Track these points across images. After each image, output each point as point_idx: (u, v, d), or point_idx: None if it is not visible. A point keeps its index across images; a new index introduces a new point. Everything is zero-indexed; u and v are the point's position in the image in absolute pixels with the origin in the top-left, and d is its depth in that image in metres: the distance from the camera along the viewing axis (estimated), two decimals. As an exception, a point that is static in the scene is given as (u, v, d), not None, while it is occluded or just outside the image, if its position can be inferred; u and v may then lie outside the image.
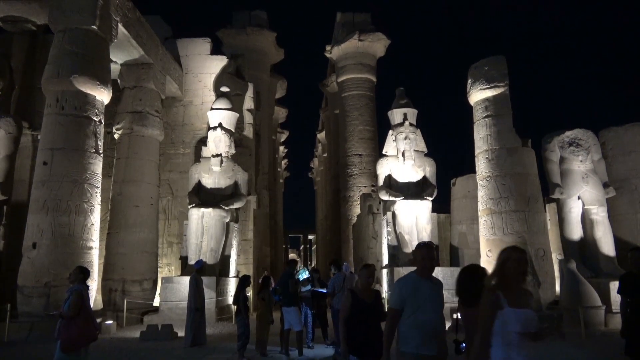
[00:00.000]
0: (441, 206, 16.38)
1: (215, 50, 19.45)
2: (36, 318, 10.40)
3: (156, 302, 14.31)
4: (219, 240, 14.12)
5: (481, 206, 13.42)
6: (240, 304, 8.32)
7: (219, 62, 18.50)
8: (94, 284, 11.57)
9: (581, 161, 13.07)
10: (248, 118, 18.23)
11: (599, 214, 12.76)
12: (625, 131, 13.92)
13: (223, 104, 15.41)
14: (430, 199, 14.07)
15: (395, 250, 13.75)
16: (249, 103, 18.40)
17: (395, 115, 14.78)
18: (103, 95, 12.25)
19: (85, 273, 5.82)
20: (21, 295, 10.74)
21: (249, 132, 18.12)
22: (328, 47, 26.60)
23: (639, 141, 13.78)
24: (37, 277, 10.64)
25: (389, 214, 14.03)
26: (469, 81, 13.71)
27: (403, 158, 14.27)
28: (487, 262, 12.86)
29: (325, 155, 33.84)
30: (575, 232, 12.86)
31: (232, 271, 14.52)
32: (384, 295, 12.77)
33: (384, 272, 14.09)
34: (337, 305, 8.70)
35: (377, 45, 25.32)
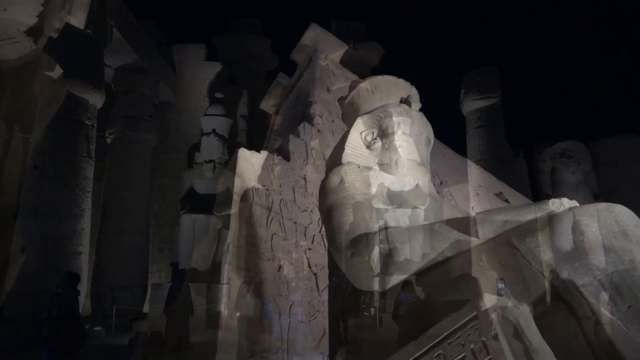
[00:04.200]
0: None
1: (210, 57, 19.45)
2: (23, 324, 10.23)
3: (146, 309, 14.14)
4: (210, 246, 14.01)
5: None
6: None
7: (213, 69, 18.49)
8: (83, 289, 11.42)
9: (572, 172, 13.22)
10: (242, 124, 18.22)
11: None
12: (615, 143, 14.12)
13: (217, 110, 15.38)
14: (423, 207, 14.07)
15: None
16: (242, 109, 18.40)
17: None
18: (96, 99, 12.18)
19: (74, 279, 5.76)
20: (8, 300, 10.57)
21: (242, 138, 18.11)
22: (322, 56, 26.72)
23: (629, 153, 13.97)
24: (24, 282, 10.49)
25: (382, 222, 14.03)
26: (462, 91, 13.85)
27: (396, 167, 14.30)
28: (479, 270, 12.91)
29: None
30: (566, 242, 12.94)
31: (224, 278, 14.40)
32: None
33: (376, 280, 14.08)
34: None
35: (372, 54, 25.46)
